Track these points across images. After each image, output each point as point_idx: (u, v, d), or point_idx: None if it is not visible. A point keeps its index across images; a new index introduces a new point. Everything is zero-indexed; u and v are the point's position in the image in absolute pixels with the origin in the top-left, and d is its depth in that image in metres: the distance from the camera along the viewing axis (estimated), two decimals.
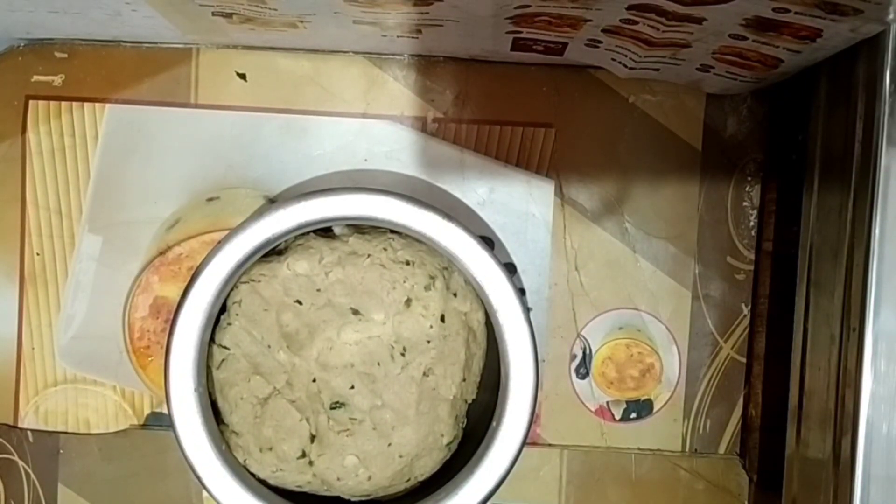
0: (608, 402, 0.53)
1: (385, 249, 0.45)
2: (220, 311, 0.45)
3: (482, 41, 0.47)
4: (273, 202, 0.50)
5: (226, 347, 0.45)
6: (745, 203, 0.53)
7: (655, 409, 0.53)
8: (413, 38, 0.47)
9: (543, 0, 0.39)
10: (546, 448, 0.53)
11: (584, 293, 0.53)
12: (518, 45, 0.47)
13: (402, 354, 0.44)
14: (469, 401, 0.47)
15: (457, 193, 0.52)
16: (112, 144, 0.52)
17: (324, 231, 0.46)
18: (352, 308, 0.44)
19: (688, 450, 0.53)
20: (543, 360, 0.52)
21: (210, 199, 0.50)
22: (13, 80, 0.52)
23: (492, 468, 0.43)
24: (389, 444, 0.45)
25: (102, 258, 0.52)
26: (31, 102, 0.52)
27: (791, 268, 0.47)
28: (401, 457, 0.45)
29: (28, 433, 0.53)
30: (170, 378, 0.43)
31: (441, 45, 0.50)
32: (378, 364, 0.44)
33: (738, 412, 0.53)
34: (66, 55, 0.52)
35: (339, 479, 0.45)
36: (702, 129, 0.52)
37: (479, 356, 0.47)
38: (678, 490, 0.53)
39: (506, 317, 0.43)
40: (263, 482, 0.45)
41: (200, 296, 0.43)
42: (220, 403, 0.46)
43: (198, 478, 0.43)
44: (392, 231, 0.45)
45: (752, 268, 0.53)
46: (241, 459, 0.45)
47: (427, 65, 0.52)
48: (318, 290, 0.45)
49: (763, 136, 0.52)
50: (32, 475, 0.53)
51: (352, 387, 0.44)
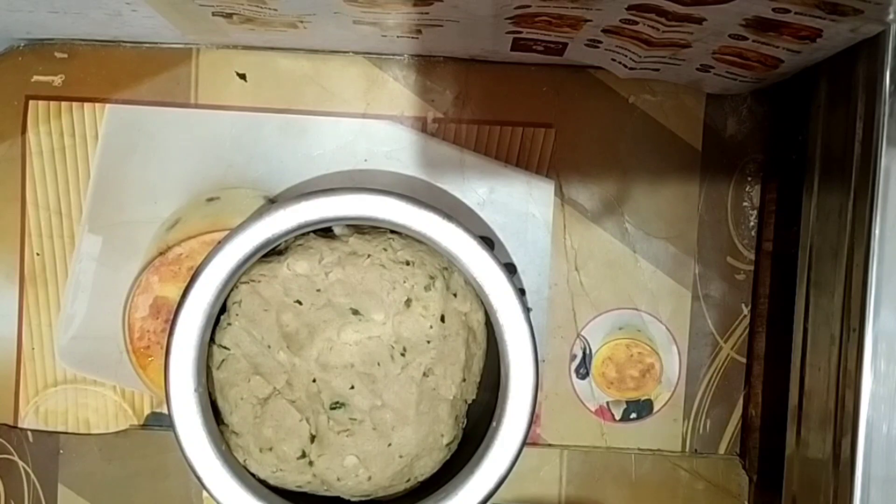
0: (608, 402, 0.53)
1: (385, 249, 0.45)
2: (220, 311, 0.45)
3: (482, 41, 0.47)
4: (273, 202, 0.50)
5: (226, 347, 0.45)
6: (745, 203, 0.53)
7: (655, 409, 0.53)
8: (413, 38, 0.47)
9: (543, 0, 0.39)
10: (546, 448, 0.53)
11: (584, 293, 0.53)
12: (518, 45, 0.47)
13: (402, 354, 0.44)
14: (469, 401, 0.47)
15: (457, 193, 0.52)
16: (112, 144, 0.52)
17: (324, 231, 0.46)
18: (352, 308, 0.44)
19: (688, 450, 0.53)
20: (543, 360, 0.52)
21: (210, 199, 0.50)
22: (13, 80, 0.52)
23: (492, 468, 0.43)
24: (389, 445, 0.45)
25: (102, 258, 0.52)
26: (31, 102, 0.52)
27: (791, 268, 0.47)
28: (401, 457, 0.45)
29: (28, 433, 0.53)
30: (170, 378, 0.43)
31: (441, 45, 0.50)
32: (378, 364, 0.44)
33: (738, 412, 0.53)
34: (66, 55, 0.52)
35: (339, 480, 0.45)
36: (702, 129, 0.52)
37: (479, 356, 0.47)
38: (678, 490, 0.53)
39: (506, 317, 0.43)
40: (263, 482, 0.45)
41: (200, 296, 0.43)
42: (220, 403, 0.46)
43: (198, 478, 0.43)
44: (392, 231, 0.45)
45: (752, 268, 0.53)
46: (241, 459, 0.45)
47: (427, 65, 0.52)
48: (318, 291, 0.45)
49: (763, 136, 0.52)
50: (32, 475, 0.53)
51: (352, 387, 0.44)
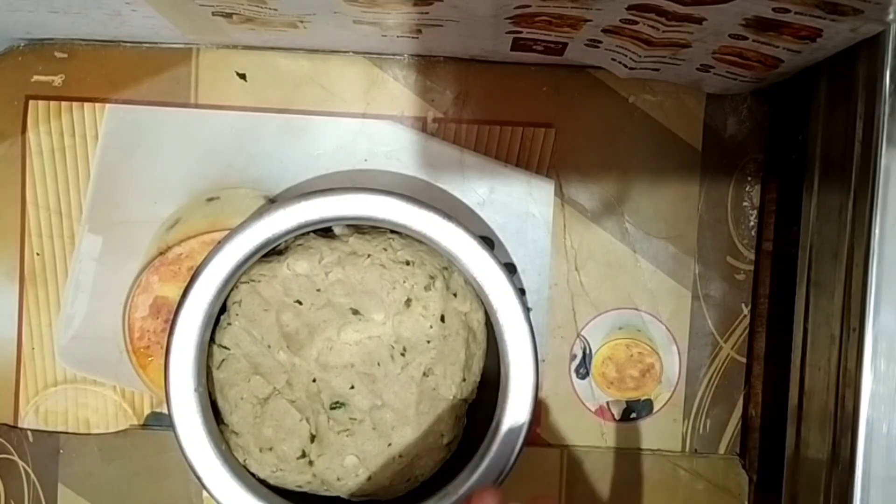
0: (608, 402, 0.53)
1: (385, 249, 0.45)
2: (220, 311, 0.45)
3: (482, 41, 0.47)
4: (273, 202, 0.50)
5: (226, 347, 0.45)
6: (745, 203, 0.53)
7: (655, 409, 0.53)
8: (413, 38, 0.47)
9: (543, 0, 0.39)
10: (546, 448, 0.53)
11: (584, 293, 0.53)
12: (518, 45, 0.47)
13: (402, 354, 0.44)
14: (469, 401, 0.47)
15: (457, 193, 0.52)
16: (112, 144, 0.52)
17: (324, 231, 0.46)
18: (352, 308, 0.44)
19: (688, 450, 0.53)
20: (543, 360, 0.52)
21: (210, 199, 0.50)
22: (13, 80, 0.52)
23: (492, 468, 0.43)
24: (389, 444, 0.45)
25: (102, 258, 0.52)
26: (31, 102, 0.52)
27: (791, 268, 0.47)
28: (401, 457, 0.45)
29: (28, 433, 0.53)
30: (170, 378, 0.43)
31: (441, 45, 0.50)
32: (378, 364, 0.44)
33: (738, 412, 0.53)
34: (66, 55, 0.52)
35: (339, 479, 0.45)
36: (702, 129, 0.52)
37: (479, 356, 0.47)
38: (678, 490, 0.53)
39: (506, 317, 0.43)
40: (263, 482, 0.45)
41: (200, 296, 0.43)
42: (220, 403, 0.46)
43: (198, 478, 0.43)
44: (392, 231, 0.45)
45: (752, 268, 0.53)
46: (241, 459, 0.45)
47: (427, 65, 0.52)
48: (318, 290, 0.45)
49: (763, 136, 0.52)
50: (32, 475, 0.53)
51: (352, 387, 0.44)
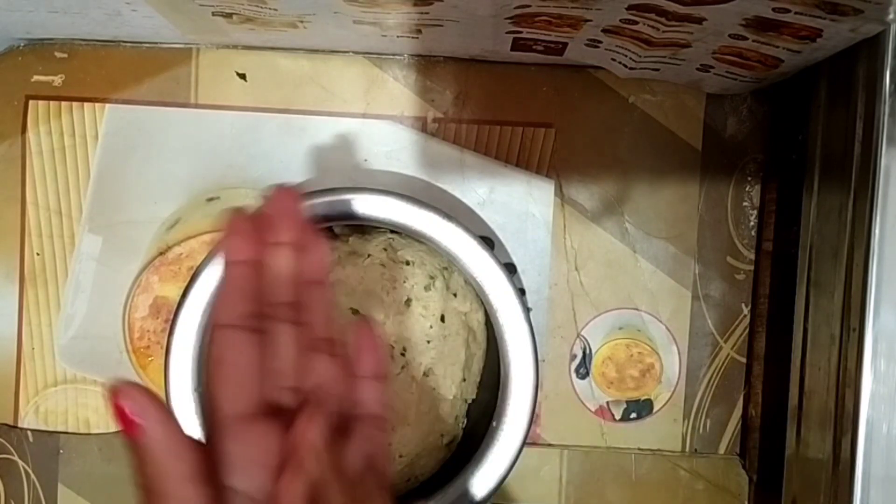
0: (608, 402, 0.53)
1: (385, 249, 0.45)
2: None
3: (482, 41, 0.47)
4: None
5: None
6: (745, 203, 0.53)
7: (655, 409, 0.53)
8: (413, 38, 0.47)
9: (543, 0, 0.39)
10: (546, 448, 0.53)
11: (584, 293, 0.53)
12: (518, 45, 0.47)
13: (402, 354, 0.44)
14: (469, 401, 0.47)
15: (457, 193, 0.52)
16: (112, 144, 0.52)
17: (324, 231, 0.46)
18: (352, 308, 0.44)
19: (688, 450, 0.53)
20: (543, 360, 0.52)
21: (210, 199, 0.50)
22: (13, 80, 0.52)
23: (492, 468, 0.43)
24: (389, 444, 0.45)
25: (102, 258, 0.52)
26: (31, 102, 0.52)
27: (791, 268, 0.47)
28: (401, 456, 0.45)
29: (28, 433, 0.53)
30: (170, 378, 0.43)
31: (441, 45, 0.50)
32: None
33: (738, 412, 0.53)
34: (66, 55, 0.52)
35: None
36: (702, 129, 0.52)
37: (479, 356, 0.47)
38: (678, 490, 0.53)
39: (506, 317, 0.43)
40: None
41: (200, 296, 0.43)
42: None
43: None
44: (392, 231, 0.45)
45: (752, 268, 0.53)
46: None
47: (427, 65, 0.52)
48: None
49: (763, 136, 0.52)
50: (32, 475, 0.53)
51: None
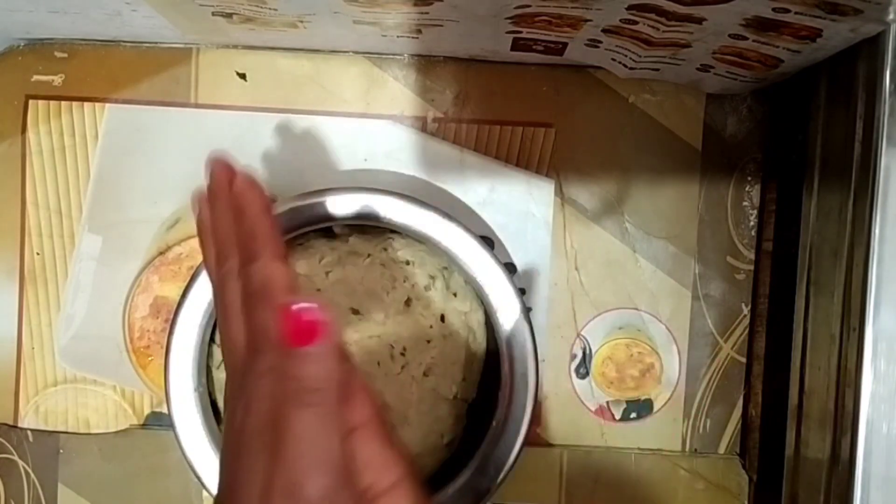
0: (608, 402, 0.53)
1: (385, 249, 0.45)
2: None
3: (482, 41, 0.47)
4: (273, 202, 0.50)
5: None
6: (745, 203, 0.53)
7: (655, 409, 0.53)
8: (413, 38, 0.47)
9: (543, 0, 0.39)
10: (546, 448, 0.53)
11: (584, 293, 0.53)
12: (518, 45, 0.47)
13: (402, 354, 0.44)
14: (469, 400, 0.47)
15: (457, 193, 0.52)
16: (112, 144, 0.52)
17: (324, 231, 0.46)
18: (352, 308, 0.44)
19: (688, 450, 0.53)
20: (543, 360, 0.52)
21: None
22: (13, 80, 0.52)
23: (492, 468, 0.43)
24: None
25: (102, 258, 0.52)
26: (31, 102, 0.52)
27: (791, 268, 0.47)
28: None
29: (28, 433, 0.53)
30: (170, 378, 0.43)
31: (441, 45, 0.50)
32: (378, 364, 0.44)
33: (738, 412, 0.53)
34: (66, 55, 0.52)
35: None
36: (702, 129, 0.52)
37: (479, 356, 0.47)
38: (678, 490, 0.53)
39: (506, 317, 0.43)
40: None
41: (200, 295, 0.43)
42: (221, 403, 0.46)
43: (198, 478, 0.43)
44: (392, 231, 0.45)
45: (752, 268, 0.53)
46: None
47: (427, 65, 0.52)
48: (318, 290, 0.45)
49: (763, 136, 0.52)
50: (32, 475, 0.53)
51: None
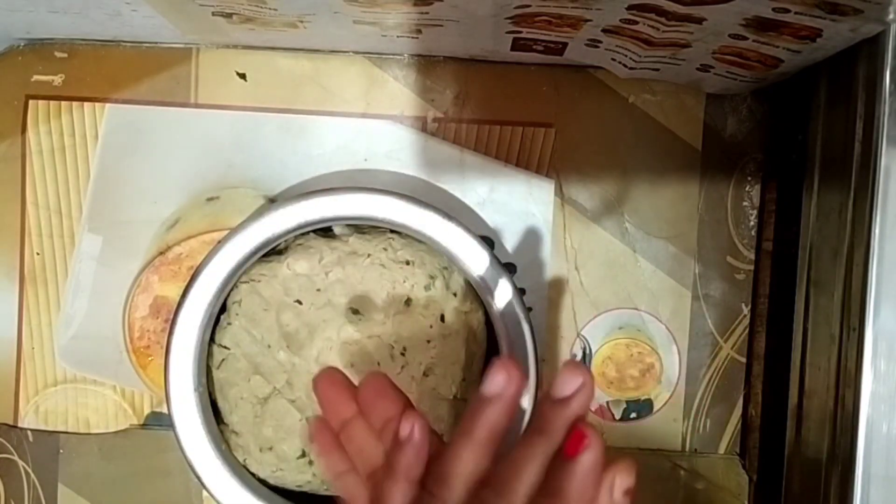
0: (608, 402, 0.53)
1: (385, 249, 0.45)
2: (220, 311, 0.45)
3: (482, 41, 0.47)
4: (273, 202, 0.50)
5: (226, 347, 0.45)
6: (745, 203, 0.53)
7: (655, 409, 0.53)
8: (413, 38, 0.47)
9: (543, 0, 0.39)
10: None
11: (584, 293, 0.53)
12: (518, 45, 0.47)
13: (402, 354, 0.44)
14: (469, 401, 0.47)
15: (457, 193, 0.52)
16: (112, 144, 0.52)
17: (324, 231, 0.46)
18: (352, 308, 0.44)
19: (688, 449, 0.53)
20: (543, 360, 0.52)
21: (210, 199, 0.50)
22: (13, 80, 0.52)
23: None
24: None
25: (102, 258, 0.52)
26: (31, 102, 0.52)
27: (791, 268, 0.47)
28: None
29: (28, 433, 0.53)
30: (170, 378, 0.43)
31: (441, 45, 0.50)
32: (378, 364, 0.44)
33: (738, 412, 0.53)
34: (66, 55, 0.52)
35: None
36: (702, 129, 0.52)
37: (479, 356, 0.47)
38: (678, 490, 0.53)
39: (506, 317, 0.43)
40: (263, 482, 0.45)
41: (200, 296, 0.43)
42: (220, 403, 0.46)
43: (198, 478, 0.43)
44: (392, 231, 0.45)
45: (752, 268, 0.53)
46: (241, 459, 0.45)
47: (427, 65, 0.52)
48: (318, 290, 0.45)
49: (763, 136, 0.52)
50: (32, 475, 0.53)
51: None
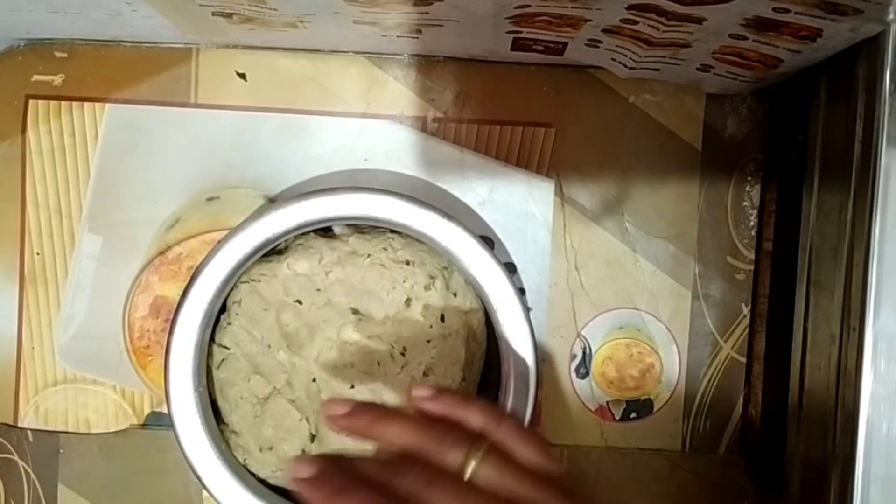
0: (608, 402, 0.53)
1: (385, 249, 0.45)
2: (220, 311, 0.45)
3: (482, 41, 0.47)
4: (273, 202, 0.50)
5: (226, 347, 0.45)
6: (745, 203, 0.53)
7: (655, 409, 0.53)
8: (413, 38, 0.47)
9: (543, 0, 0.39)
10: None
11: (584, 293, 0.53)
12: (518, 45, 0.47)
13: (402, 354, 0.44)
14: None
15: (457, 193, 0.52)
16: (112, 144, 0.52)
17: (324, 231, 0.46)
18: (352, 308, 0.44)
19: (688, 450, 0.53)
20: (543, 360, 0.52)
21: (210, 199, 0.50)
22: (13, 80, 0.52)
23: None
24: None
25: (102, 258, 0.52)
26: (31, 102, 0.52)
27: (791, 268, 0.47)
28: None
29: (28, 433, 0.53)
30: (170, 378, 0.43)
31: (441, 45, 0.50)
32: (378, 364, 0.44)
33: (738, 412, 0.53)
34: (66, 55, 0.52)
35: None
36: (702, 129, 0.52)
37: (479, 356, 0.47)
38: (678, 490, 0.53)
39: (506, 317, 0.43)
40: (263, 482, 0.45)
41: (200, 295, 0.43)
42: (220, 403, 0.46)
43: (198, 478, 0.44)
44: (392, 231, 0.45)
45: (752, 268, 0.53)
46: (241, 459, 0.45)
47: (427, 65, 0.52)
48: (319, 290, 0.45)
49: (763, 136, 0.52)
50: (32, 475, 0.53)
51: (351, 386, 0.44)
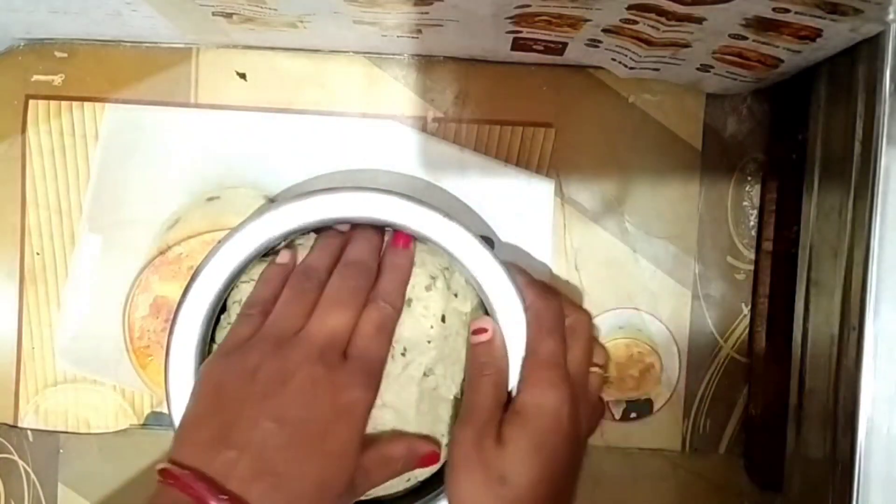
0: (608, 402, 0.53)
1: None
2: (220, 311, 0.45)
3: (482, 41, 0.47)
4: (273, 202, 0.50)
5: None
6: (745, 203, 0.53)
7: (655, 409, 0.53)
8: (413, 38, 0.47)
9: (543, 0, 0.39)
10: None
11: (585, 293, 0.53)
12: (518, 45, 0.47)
13: (403, 354, 0.44)
14: None
15: (457, 193, 0.52)
16: (112, 144, 0.52)
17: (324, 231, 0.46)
18: None
19: (688, 449, 0.53)
20: None
21: (210, 199, 0.50)
22: (13, 80, 0.52)
23: None
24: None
25: (102, 258, 0.52)
26: (31, 102, 0.52)
27: (791, 268, 0.47)
28: None
29: (28, 433, 0.53)
30: (170, 378, 0.43)
31: (441, 45, 0.50)
32: None
33: (738, 412, 0.53)
34: (66, 55, 0.52)
35: None
36: (702, 129, 0.52)
37: None
38: (678, 490, 0.53)
39: (506, 317, 0.43)
40: None
41: (200, 295, 0.43)
42: None
43: None
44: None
45: (752, 267, 0.53)
46: None
47: (427, 65, 0.52)
48: None
49: (763, 136, 0.52)
50: (32, 475, 0.53)
51: None
